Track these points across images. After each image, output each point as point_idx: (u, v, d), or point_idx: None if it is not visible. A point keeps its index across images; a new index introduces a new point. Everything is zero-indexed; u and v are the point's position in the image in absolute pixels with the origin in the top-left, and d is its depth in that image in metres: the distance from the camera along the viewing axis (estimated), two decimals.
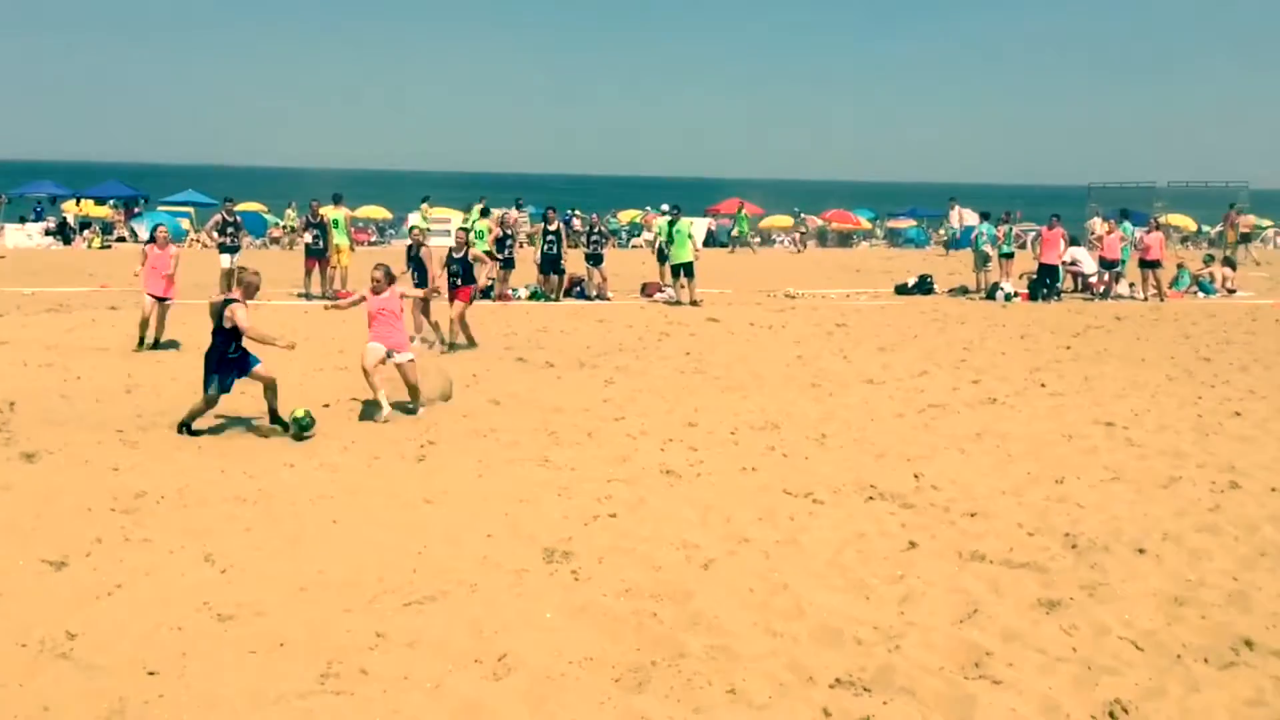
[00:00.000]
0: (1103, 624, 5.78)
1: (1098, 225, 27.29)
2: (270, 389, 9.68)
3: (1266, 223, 46.98)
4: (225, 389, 9.53)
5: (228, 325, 9.33)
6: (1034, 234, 31.22)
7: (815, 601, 6.06)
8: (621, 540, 7.03)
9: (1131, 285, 22.97)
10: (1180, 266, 24.79)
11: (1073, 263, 23.06)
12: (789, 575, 6.46)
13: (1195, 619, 5.89)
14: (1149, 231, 23.21)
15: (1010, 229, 24.13)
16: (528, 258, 22.09)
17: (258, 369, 9.65)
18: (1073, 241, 23.45)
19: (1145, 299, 22.09)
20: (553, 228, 20.88)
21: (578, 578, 6.39)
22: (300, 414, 9.49)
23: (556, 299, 20.78)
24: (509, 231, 22.46)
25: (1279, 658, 5.41)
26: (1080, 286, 23.25)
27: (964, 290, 23.33)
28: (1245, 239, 33.49)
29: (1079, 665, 5.30)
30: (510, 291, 20.85)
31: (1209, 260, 25.17)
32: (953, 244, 37.14)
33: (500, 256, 20.44)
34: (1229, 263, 24.99)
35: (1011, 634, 5.64)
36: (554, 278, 21.00)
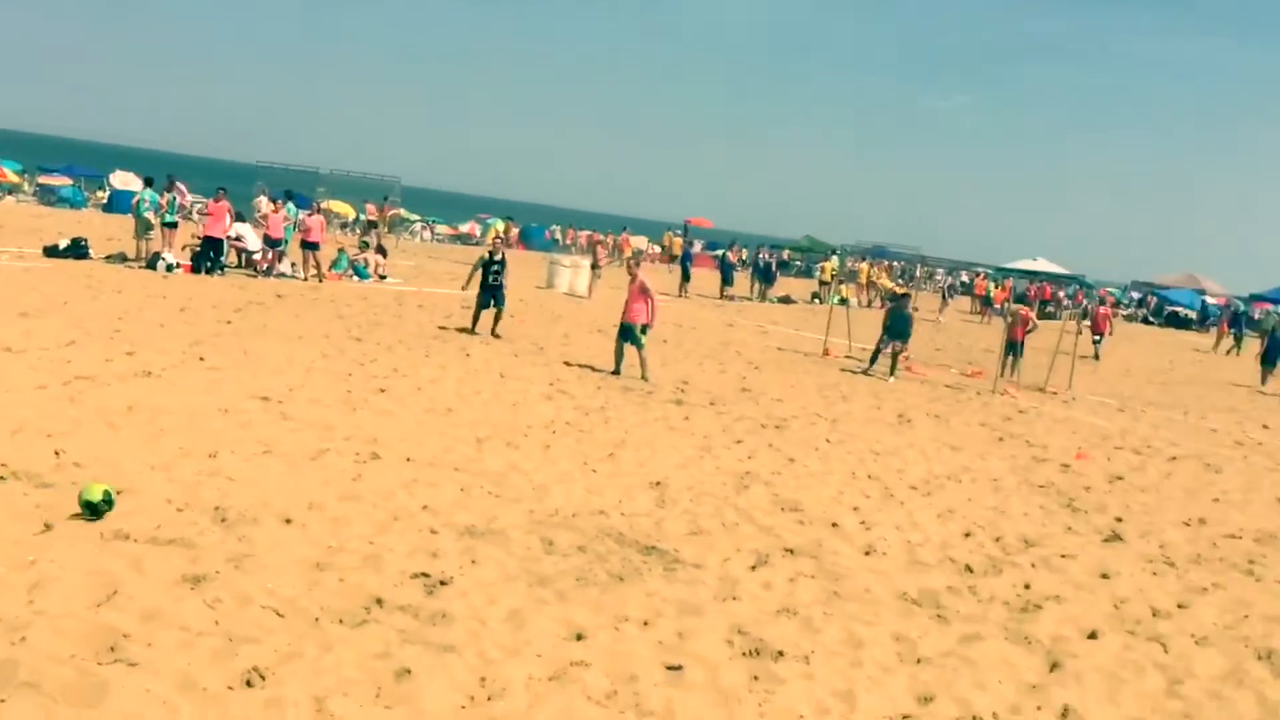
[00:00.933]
0: (247, 595, 5.85)
1: (264, 204, 27.74)
2: None
3: (414, 216, 51.97)
4: None
5: None
6: (200, 205, 30.75)
7: None
8: None
9: (293, 264, 23.74)
10: (340, 250, 26.29)
11: (237, 238, 23.18)
12: None
13: (334, 582, 6.23)
14: (311, 214, 24.19)
15: (174, 198, 23.43)
16: None
17: None
18: (238, 217, 23.54)
19: (305, 279, 22.98)
20: None
21: None
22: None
23: None
24: None
25: (403, 612, 5.97)
26: (244, 262, 23.44)
27: (123, 258, 22.12)
28: (393, 229, 36.65)
29: (220, 638, 5.29)
30: None
31: (364, 246, 27.04)
32: (111, 208, 35.05)
33: None
34: (381, 250, 27.09)
35: (152, 613, 5.44)
36: None
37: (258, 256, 23.34)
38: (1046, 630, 6.96)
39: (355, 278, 24.81)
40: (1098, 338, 28.32)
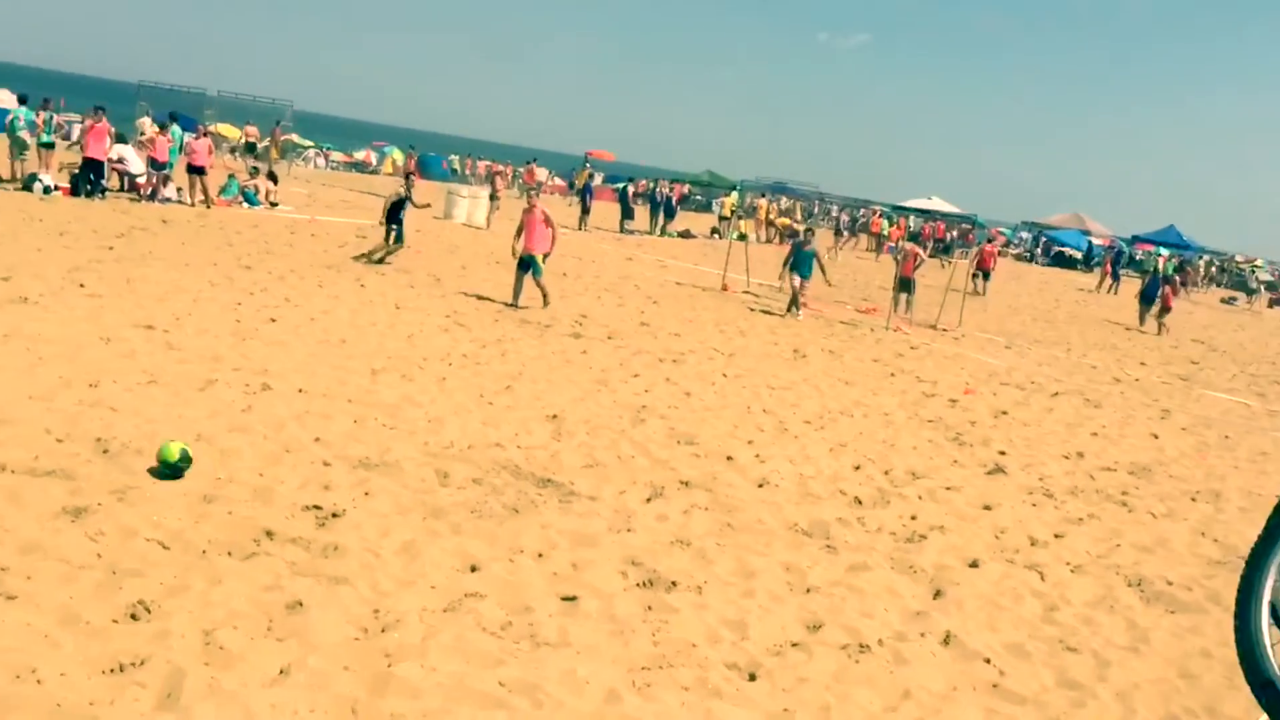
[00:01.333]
0: (131, 527, 5.71)
1: (147, 125, 26.66)
2: None
3: (308, 143, 50.57)
4: None
5: None
6: (79, 125, 29.40)
7: None
8: None
9: (179, 189, 22.93)
10: (230, 176, 25.43)
11: (119, 160, 22.27)
12: None
13: (223, 515, 6.11)
14: (198, 137, 23.33)
15: (51, 116, 22.35)
16: None
17: None
18: (120, 139, 22.60)
19: (192, 204, 22.23)
20: None
21: None
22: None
23: None
24: None
25: (295, 545, 5.89)
26: (127, 186, 22.55)
27: None
28: (285, 155, 35.60)
29: (104, 571, 5.17)
30: None
31: (254, 172, 26.22)
32: None
33: None
34: (272, 177, 26.31)
35: (31, 546, 5.28)
36: None
37: (141, 180, 22.46)
38: (930, 559, 7.19)
39: (245, 204, 24.08)
40: (982, 274, 28.89)
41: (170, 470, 6.55)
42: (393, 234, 17.77)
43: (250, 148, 34.96)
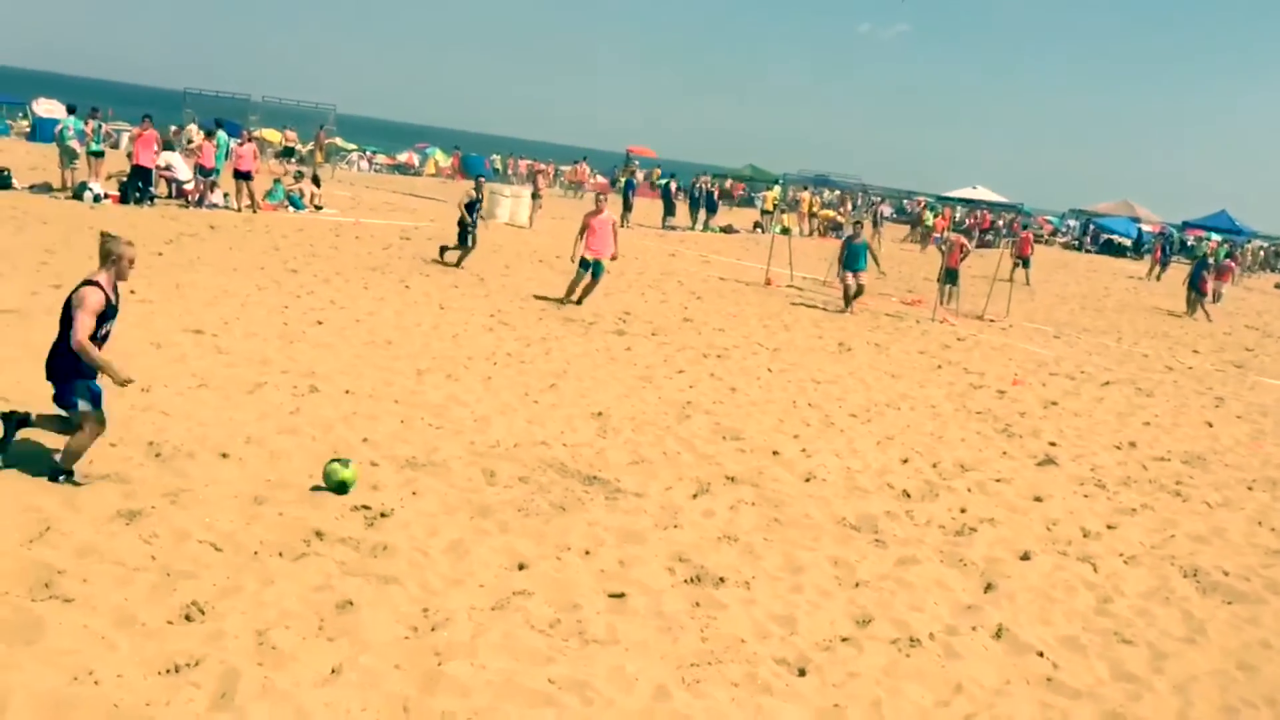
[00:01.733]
0: (184, 529, 5.79)
1: (194, 132, 27.01)
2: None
3: (351, 146, 51.00)
4: None
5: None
6: (127, 134, 29.87)
7: None
8: None
9: (226, 195, 23.19)
10: (275, 180, 25.71)
11: (167, 167, 22.57)
12: None
13: (273, 517, 6.18)
14: (243, 143, 23.59)
15: (100, 125, 22.72)
16: None
17: None
18: (167, 146, 22.91)
19: (239, 209, 22.49)
20: None
21: None
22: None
23: None
24: None
25: (344, 545, 5.94)
26: (174, 193, 22.86)
27: (48, 188, 21.45)
28: (329, 158, 35.92)
29: (158, 573, 5.24)
30: None
31: (299, 176, 26.48)
32: (35, 136, 33.95)
33: None
34: (316, 180, 26.56)
35: (87, 549, 5.38)
36: None
37: (189, 187, 22.75)
38: (981, 552, 7.11)
39: (291, 208, 24.33)
40: (1021, 261, 28.39)
41: (340, 488, 6.71)
42: (470, 237, 18.21)
43: (289, 152, 35.27)
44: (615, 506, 7.15)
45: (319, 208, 24.93)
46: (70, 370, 6.09)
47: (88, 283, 6.21)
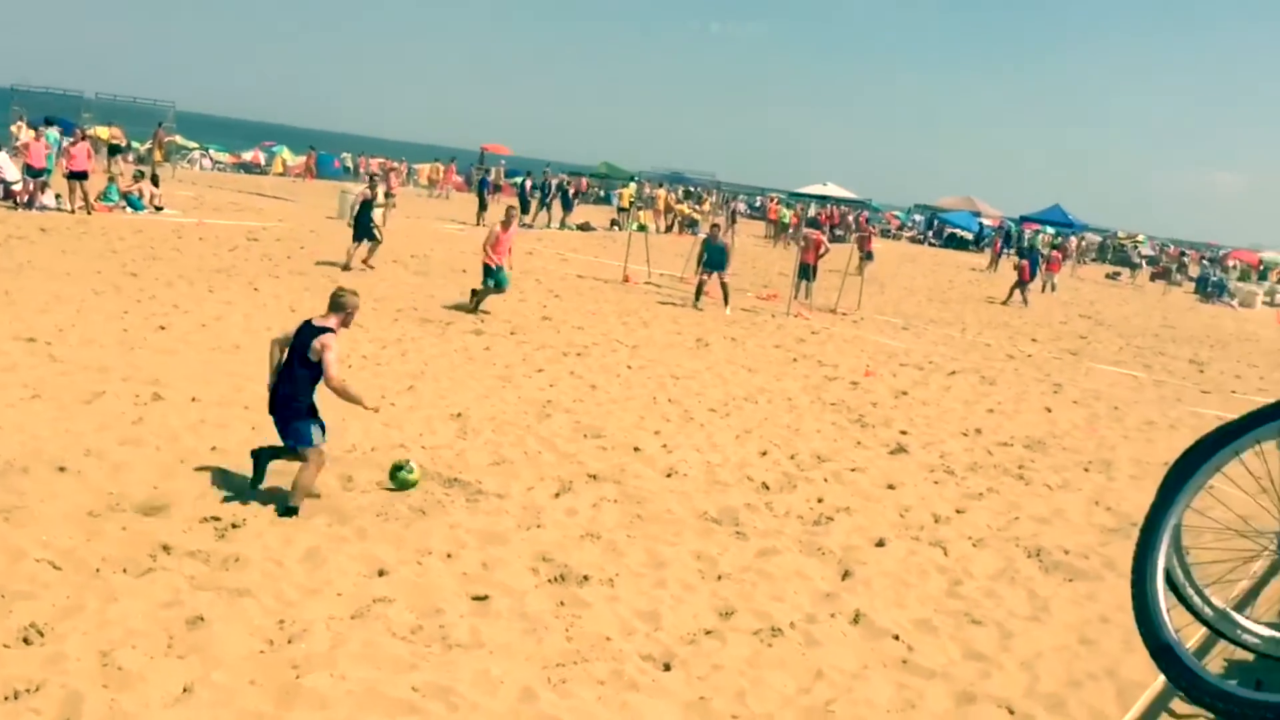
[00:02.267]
0: (19, 548, 5.50)
1: (22, 130, 25.64)
2: None
3: (193, 144, 49.15)
4: None
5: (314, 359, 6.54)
6: None
7: None
8: None
9: (58, 196, 22.09)
10: (110, 180, 24.58)
11: None
12: None
13: (116, 532, 5.91)
14: (76, 141, 22.50)
15: None
16: None
17: None
18: None
19: (72, 211, 21.44)
20: None
21: None
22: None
23: None
24: None
25: (193, 558, 5.72)
26: (2, 194, 21.65)
27: None
28: (169, 157, 34.52)
29: None
30: None
31: (139, 176, 25.39)
32: None
33: None
34: (154, 179, 25.51)
35: None
36: None
37: (17, 188, 21.56)
38: (838, 541, 7.29)
39: (129, 209, 23.31)
40: (865, 255, 29.13)
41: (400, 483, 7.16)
42: (369, 234, 18.39)
43: (115, 149, 33.71)
44: (477, 508, 7.07)
45: (159, 208, 23.95)
46: (310, 409, 6.68)
47: (326, 329, 6.63)
